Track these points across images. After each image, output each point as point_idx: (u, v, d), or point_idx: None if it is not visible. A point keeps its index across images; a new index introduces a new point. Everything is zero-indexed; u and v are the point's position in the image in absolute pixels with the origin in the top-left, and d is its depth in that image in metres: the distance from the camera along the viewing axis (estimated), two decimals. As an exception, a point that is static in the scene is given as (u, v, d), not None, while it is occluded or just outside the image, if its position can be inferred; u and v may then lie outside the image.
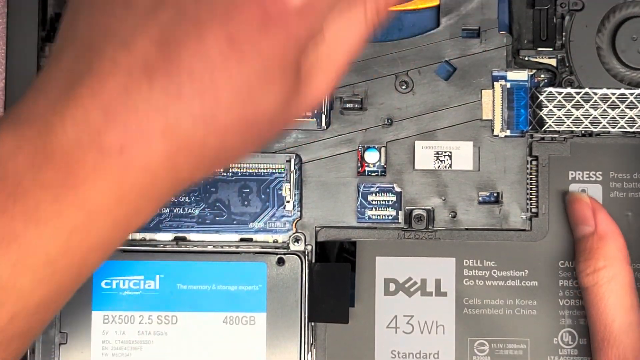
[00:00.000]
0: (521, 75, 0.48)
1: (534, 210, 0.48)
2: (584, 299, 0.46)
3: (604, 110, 0.47)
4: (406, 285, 0.48)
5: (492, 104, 0.48)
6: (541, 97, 0.47)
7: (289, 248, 0.47)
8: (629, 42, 0.48)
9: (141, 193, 0.33)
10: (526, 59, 0.48)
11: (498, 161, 0.48)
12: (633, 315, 0.45)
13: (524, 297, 0.47)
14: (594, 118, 0.47)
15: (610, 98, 0.47)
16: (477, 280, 0.48)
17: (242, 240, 0.47)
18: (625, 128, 0.47)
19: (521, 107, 0.48)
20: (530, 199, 0.48)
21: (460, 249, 0.48)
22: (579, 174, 0.48)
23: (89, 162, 0.32)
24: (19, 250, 0.32)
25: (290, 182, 0.47)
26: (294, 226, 0.47)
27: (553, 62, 0.48)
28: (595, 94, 0.47)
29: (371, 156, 0.47)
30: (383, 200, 0.48)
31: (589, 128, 0.47)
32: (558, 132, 0.47)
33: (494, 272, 0.48)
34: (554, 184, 0.48)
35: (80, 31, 0.33)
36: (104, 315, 0.46)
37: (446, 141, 0.48)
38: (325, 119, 0.48)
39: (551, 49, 0.48)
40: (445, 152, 0.47)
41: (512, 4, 0.48)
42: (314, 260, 0.47)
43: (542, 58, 0.48)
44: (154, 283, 0.47)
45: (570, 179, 0.48)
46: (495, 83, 0.48)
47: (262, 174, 0.47)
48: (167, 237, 0.47)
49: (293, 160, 0.47)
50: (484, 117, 0.48)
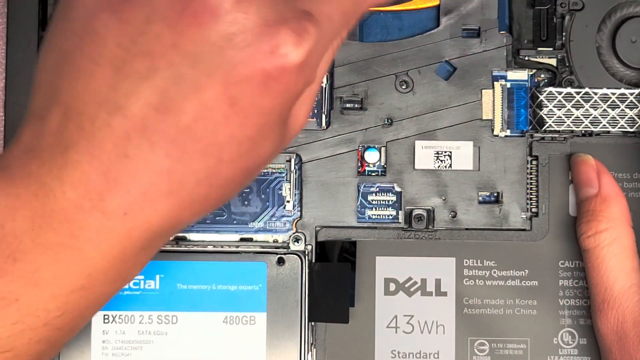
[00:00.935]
0: (521, 75, 0.48)
1: (534, 210, 0.48)
2: (584, 261, 0.46)
3: (604, 110, 0.47)
4: (406, 285, 0.47)
5: (492, 103, 0.48)
6: (541, 97, 0.47)
7: (289, 248, 0.47)
8: (629, 42, 0.48)
9: (142, 248, 0.34)
10: (526, 58, 0.48)
11: (498, 161, 0.48)
12: (634, 278, 0.45)
13: (524, 297, 0.47)
14: (594, 118, 0.47)
15: (610, 98, 0.47)
16: (477, 280, 0.48)
17: (242, 240, 0.47)
18: (625, 128, 0.47)
19: (521, 107, 0.48)
20: (530, 199, 0.48)
21: (460, 248, 0.48)
22: (579, 174, 0.48)
23: (92, 226, 0.32)
24: (18, 312, 0.32)
25: (290, 182, 0.47)
26: (294, 226, 0.47)
27: (553, 62, 0.48)
28: (595, 93, 0.47)
29: (371, 156, 0.47)
30: (383, 200, 0.47)
31: (589, 128, 0.47)
32: (558, 132, 0.47)
33: (494, 272, 0.48)
34: (554, 184, 0.48)
35: (65, 92, 0.32)
36: (104, 315, 0.46)
37: (446, 141, 0.48)
38: (325, 118, 0.48)
39: (551, 49, 0.48)
40: (445, 152, 0.47)
41: (512, 4, 0.48)
42: (314, 260, 0.47)
43: (542, 58, 0.48)
44: (154, 283, 0.47)
45: (570, 178, 0.48)
46: (495, 83, 0.48)
47: (262, 173, 0.47)
48: (167, 237, 0.47)
49: (293, 160, 0.47)
50: (484, 117, 0.48)
